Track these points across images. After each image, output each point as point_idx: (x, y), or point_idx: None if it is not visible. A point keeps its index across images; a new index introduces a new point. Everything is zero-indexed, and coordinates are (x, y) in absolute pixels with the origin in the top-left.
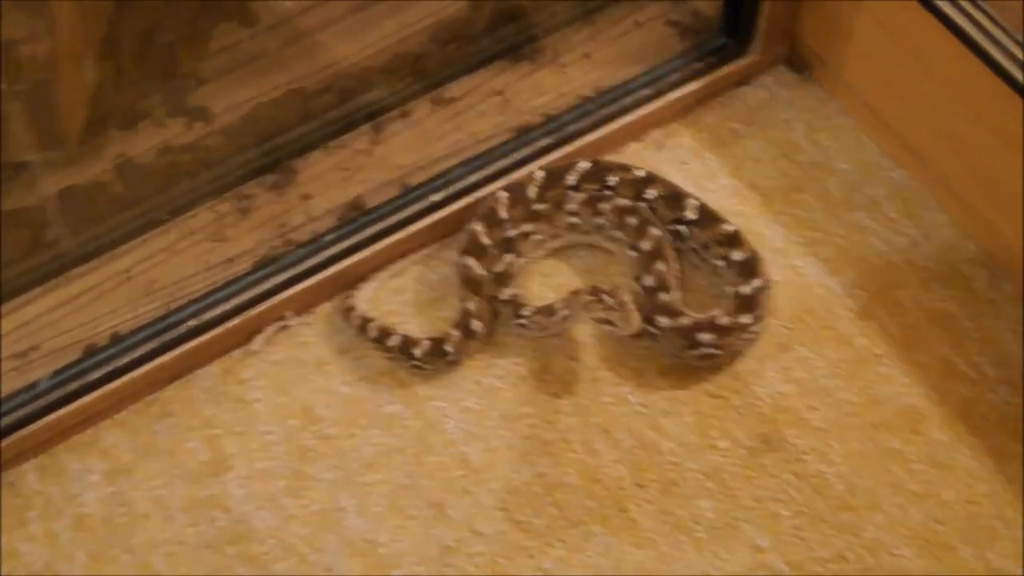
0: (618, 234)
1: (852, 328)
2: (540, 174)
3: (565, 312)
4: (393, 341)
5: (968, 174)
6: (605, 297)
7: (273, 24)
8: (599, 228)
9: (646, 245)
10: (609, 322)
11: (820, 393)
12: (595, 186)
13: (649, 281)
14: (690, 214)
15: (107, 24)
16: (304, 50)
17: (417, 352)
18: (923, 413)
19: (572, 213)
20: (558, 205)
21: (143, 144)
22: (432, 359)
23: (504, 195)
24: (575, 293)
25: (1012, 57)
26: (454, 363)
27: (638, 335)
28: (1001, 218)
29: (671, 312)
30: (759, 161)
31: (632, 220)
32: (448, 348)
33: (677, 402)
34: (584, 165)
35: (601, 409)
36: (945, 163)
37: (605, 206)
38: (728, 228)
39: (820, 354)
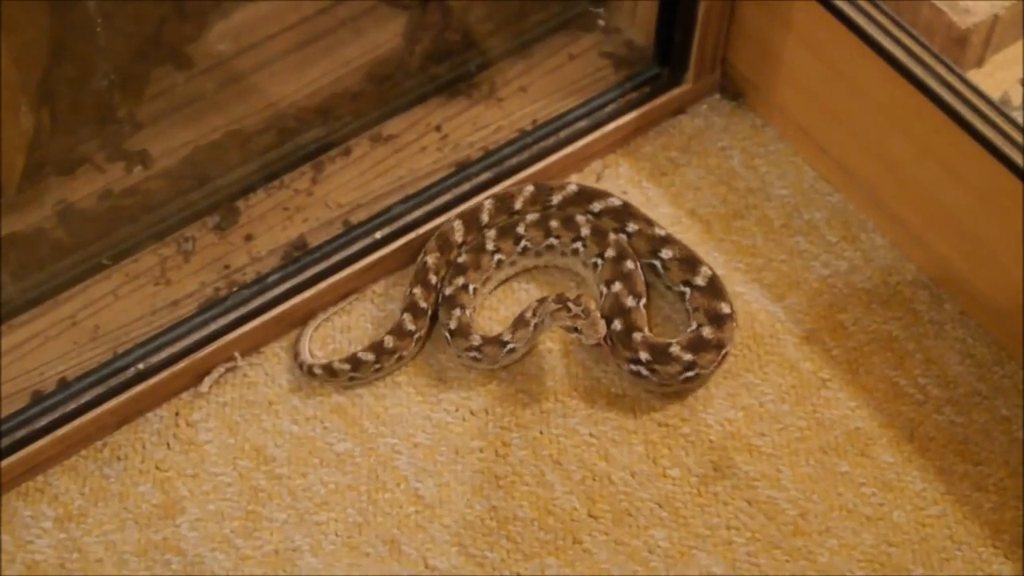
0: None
1: (797, 353)
2: (571, 187)
3: (536, 320)
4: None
5: (902, 194)
6: (571, 305)
7: (208, 67)
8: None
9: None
10: (576, 329)
11: (768, 419)
12: (616, 224)
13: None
14: (700, 281)
15: (42, 71)
16: (241, 92)
17: (367, 357)
18: (871, 436)
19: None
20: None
21: (83, 190)
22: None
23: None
24: (541, 301)
25: (935, 75)
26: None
27: (599, 344)
28: (938, 238)
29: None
30: (698, 189)
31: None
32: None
33: (626, 431)
34: (615, 202)
35: (551, 441)
36: (880, 185)
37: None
38: (724, 309)
39: (767, 380)
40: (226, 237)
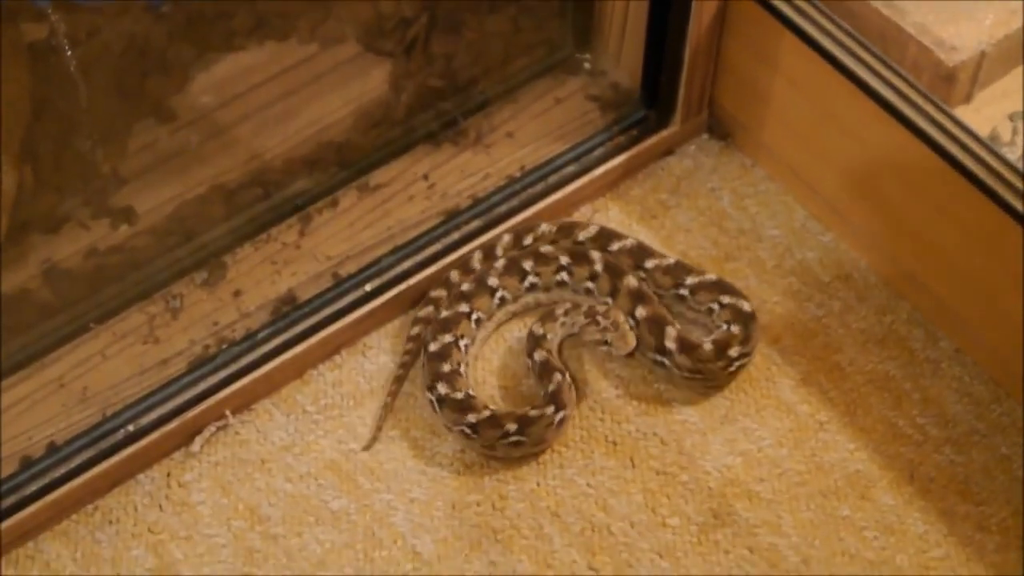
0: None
1: (794, 396)
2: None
3: (564, 319)
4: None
5: (894, 233)
6: (600, 318)
7: (192, 120)
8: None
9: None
10: (606, 342)
11: (767, 464)
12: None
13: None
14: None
15: (24, 129)
16: (225, 145)
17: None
18: (871, 478)
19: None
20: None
21: (68, 248)
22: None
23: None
24: (575, 305)
25: (924, 113)
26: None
27: (631, 355)
28: (931, 276)
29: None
30: (689, 231)
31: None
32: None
33: (624, 481)
34: (632, 242)
35: (549, 492)
36: (871, 223)
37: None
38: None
39: (764, 424)
40: (214, 293)
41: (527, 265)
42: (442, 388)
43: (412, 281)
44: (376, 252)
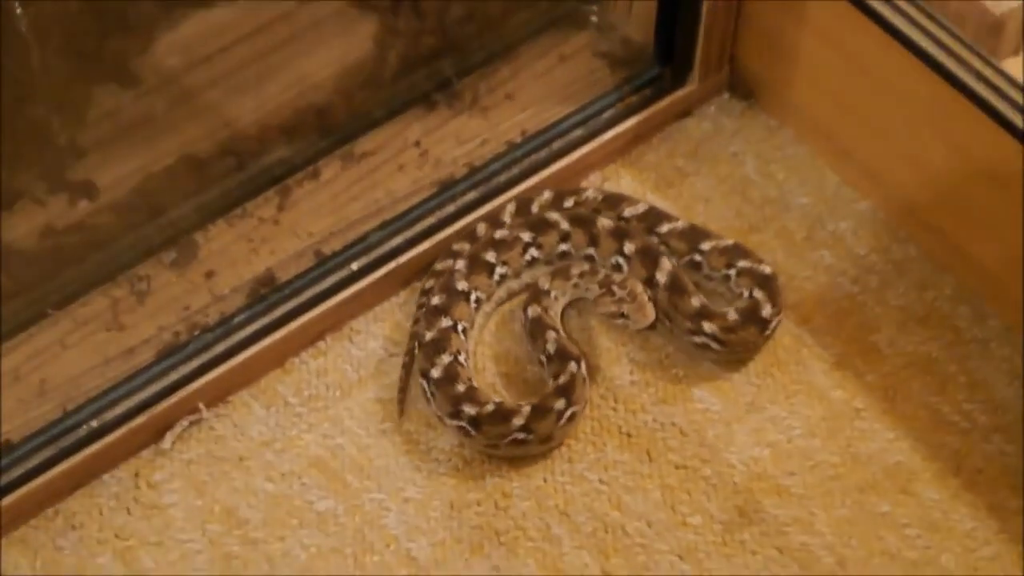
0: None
1: (827, 381)
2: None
3: (577, 280)
4: None
5: (937, 200)
6: (615, 288)
7: (157, 84)
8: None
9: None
10: (623, 315)
11: (798, 456)
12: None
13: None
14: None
15: None
16: (195, 111)
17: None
18: (912, 470)
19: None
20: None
21: (22, 227)
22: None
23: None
24: (593, 271)
25: (969, 67)
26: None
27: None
28: (978, 247)
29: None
30: (710, 201)
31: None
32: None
33: (640, 476)
34: (683, 224)
35: (557, 489)
36: (911, 189)
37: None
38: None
39: (794, 412)
40: (184, 275)
41: (491, 257)
42: (469, 408)
43: (403, 259)
44: (363, 227)
